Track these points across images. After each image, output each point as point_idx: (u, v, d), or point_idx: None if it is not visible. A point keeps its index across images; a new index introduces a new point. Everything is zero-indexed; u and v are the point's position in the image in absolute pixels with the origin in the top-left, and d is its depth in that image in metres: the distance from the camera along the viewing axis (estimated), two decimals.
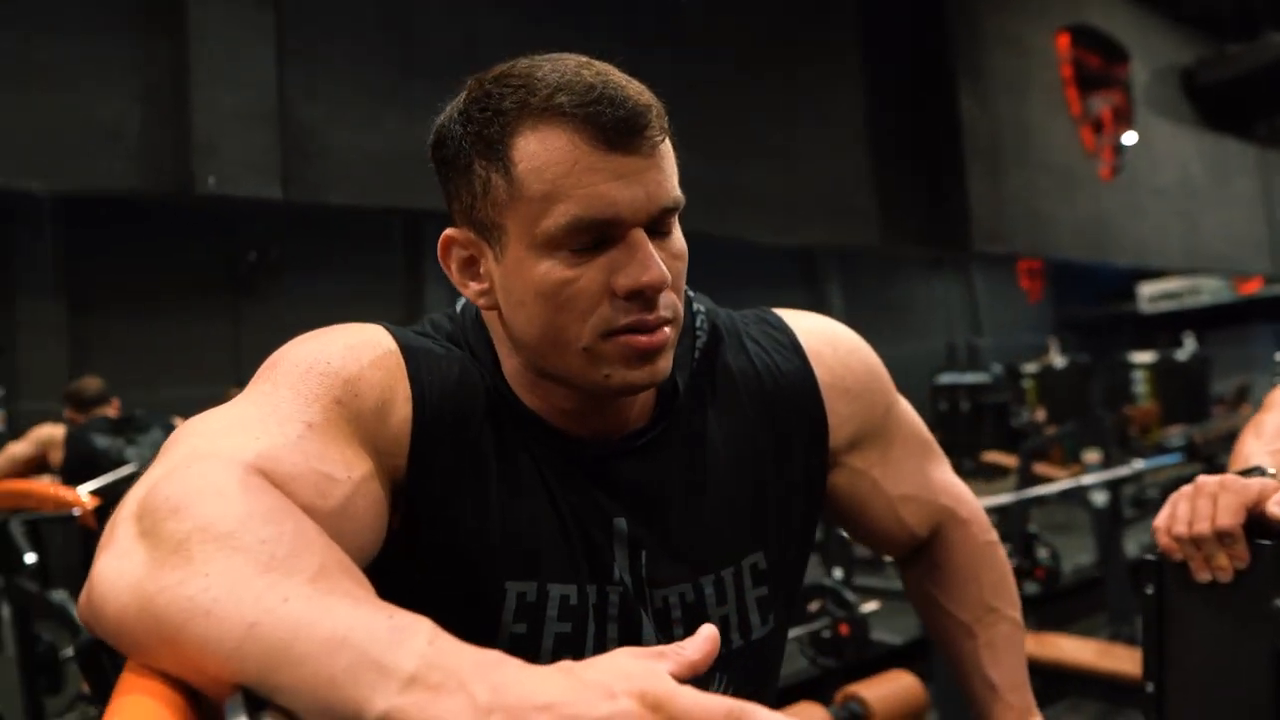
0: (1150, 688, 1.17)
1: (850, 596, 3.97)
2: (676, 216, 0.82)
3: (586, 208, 0.74)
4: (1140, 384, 14.71)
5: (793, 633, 3.93)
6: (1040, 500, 5.34)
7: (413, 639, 0.50)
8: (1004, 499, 4.96)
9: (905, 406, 1.09)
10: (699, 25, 7.28)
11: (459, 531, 0.81)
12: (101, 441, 3.81)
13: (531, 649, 0.84)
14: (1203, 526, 1.03)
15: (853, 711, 2.99)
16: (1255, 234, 12.18)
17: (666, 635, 0.87)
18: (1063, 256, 9.56)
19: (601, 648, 0.85)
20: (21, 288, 6.58)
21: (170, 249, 7.11)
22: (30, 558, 3.15)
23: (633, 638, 0.86)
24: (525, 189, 0.75)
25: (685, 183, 0.83)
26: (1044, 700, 3.70)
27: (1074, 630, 4.86)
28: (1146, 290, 18.27)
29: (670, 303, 0.79)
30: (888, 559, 3.77)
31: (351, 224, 7.31)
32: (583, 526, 0.85)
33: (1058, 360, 13.03)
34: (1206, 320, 18.40)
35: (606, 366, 0.78)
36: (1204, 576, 1.04)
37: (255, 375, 0.78)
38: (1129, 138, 9.68)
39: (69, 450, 3.78)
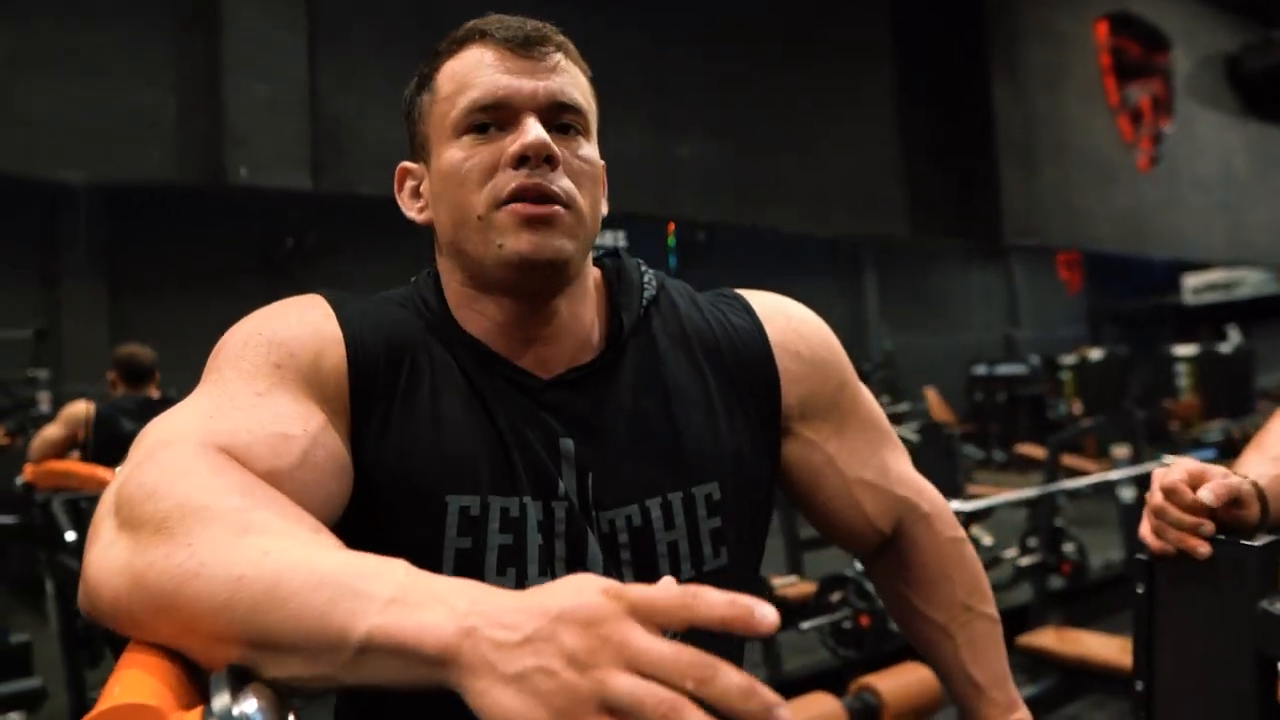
0: (1140, 685, 1.19)
1: (871, 588, 3.98)
2: (585, 130, 0.91)
3: (482, 92, 0.86)
4: (1182, 377, 14.45)
5: (813, 623, 3.94)
6: (1074, 494, 5.28)
7: (391, 571, 0.55)
8: (1029, 492, 4.93)
9: (865, 391, 1.10)
10: (729, 19, 7.25)
11: (399, 452, 0.85)
12: (129, 425, 3.86)
13: (475, 562, 0.86)
14: (1156, 497, 1.07)
15: (865, 702, 3.00)
16: None
17: (613, 558, 0.88)
18: (1098, 249, 9.40)
19: (548, 563, 0.86)
20: (64, 272, 6.76)
21: (209, 235, 7.26)
22: (71, 535, 3.25)
23: (578, 556, 0.87)
24: (440, 93, 0.89)
25: (717, 175, 0.89)
26: (1067, 697, 3.68)
27: (1101, 627, 4.82)
28: (1191, 282, 17.88)
29: (564, 186, 0.86)
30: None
31: (385, 211, 7.37)
32: (525, 443, 0.87)
33: (1093, 353, 12.84)
34: (1252, 312, 17.98)
35: (498, 235, 0.84)
36: (1200, 549, 1.05)
37: (205, 367, 0.84)
38: (1168, 128, 9.47)
39: (98, 431, 3.82)
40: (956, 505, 3.82)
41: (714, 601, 0.51)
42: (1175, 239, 9.72)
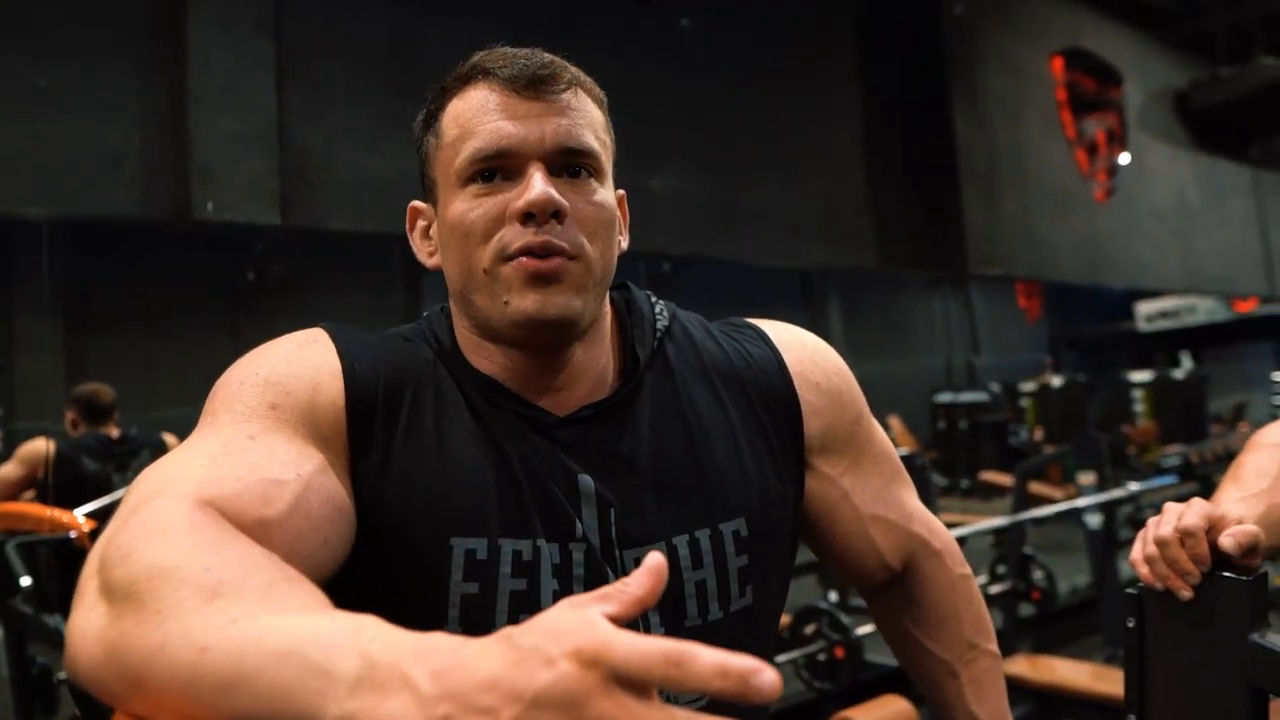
0: (1132, 719, 1.20)
1: (845, 619, 3.98)
2: (599, 172, 0.88)
3: (485, 140, 0.83)
4: (1138, 403, 14.73)
5: (788, 656, 3.93)
6: (1039, 520, 5.35)
7: (353, 638, 0.51)
8: (998, 521, 4.98)
9: (877, 425, 1.09)
10: (698, 48, 7.34)
11: (401, 492, 0.81)
12: (90, 465, 3.78)
13: (485, 610, 0.82)
14: (1165, 530, 1.08)
15: None
16: (1250, 254, 12.22)
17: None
18: (1059, 279, 9.59)
19: None
20: (18, 307, 6.61)
21: (169, 268, 7.16)
22: (25, 580, 3.15)
23: None
24: (445, 137, 0.87)
25: (689, 206, 0.89)
26: None
27: (1069, 652, 4.86)
28: (1144, 309, 18.29)
29: (572, 238, 0.83)
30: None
31: (352, 243, 7.34)
32: (540, 482, 0.84)
33: (1054, 379, 13.06)
34: (1203, 339, 18.44)
35: (504, 291, 0.83)
36: (1183, 593, 1.07)
37: (203, 408, 0.81)
38: (1123, 160, 9.73)
39: (58, 470, 3.74)
40: None
41: (703, 668, 0.45)
42: (1132, 268, 9.95)
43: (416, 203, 0.95)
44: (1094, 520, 5.05)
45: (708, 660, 0.45)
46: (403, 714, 0.47)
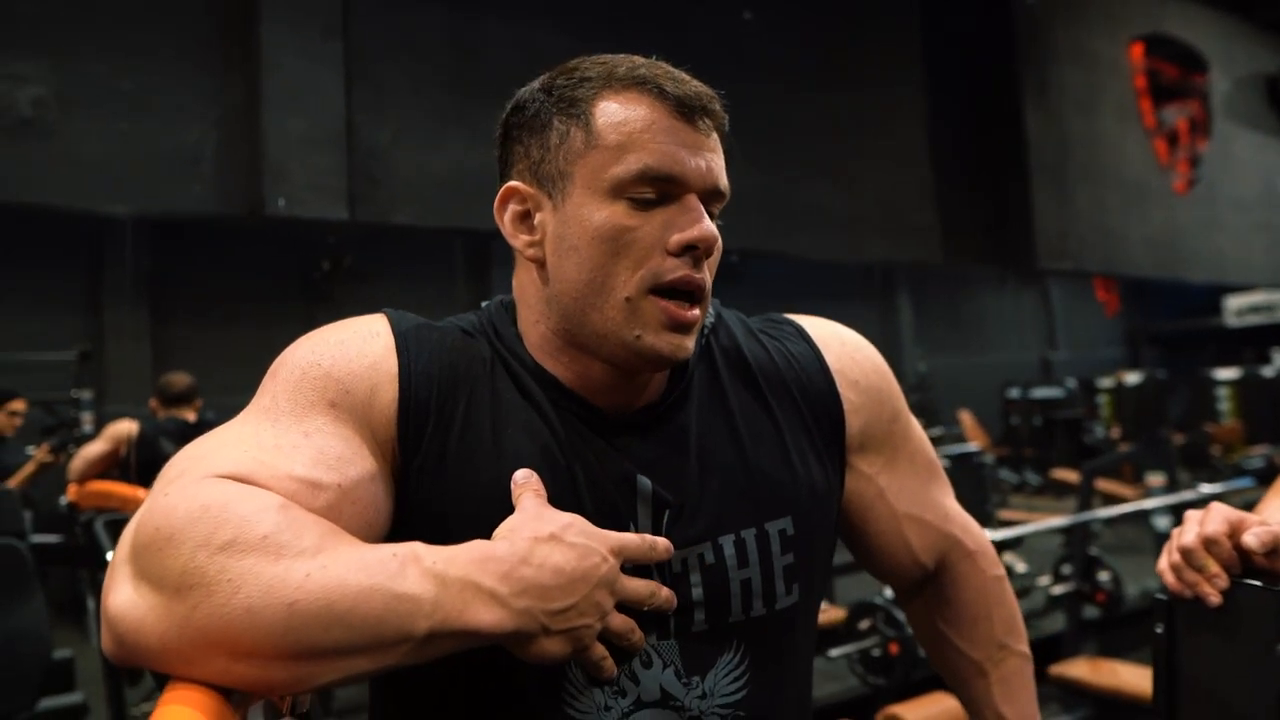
0: None
1: (900, 615, 3.95)
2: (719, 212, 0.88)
3: (658, 160, 0.80)
4: (1223, 401, 14.16)
5: (842, 650, 3.92)
6: (1111, 521, 5.19)
7: (418, 565, 0.64)
8: (1059, 520, 4.86)
9: (915, 423, 1.08)
10: (760, 43, 7.29)
11: (459, 489, 0.82)
12: (168, 447, 3.96)
13: None
14: (1189, 538, 1.06)
15: None
16: None
17: (684, 596, 0.85)
18: (1134, 273, 9.26)
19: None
20: (108, 298, 6.94)
21: (248, 260, 7.42)
22: (112, 555, 3.33)
23: None
24: (603, 139, 0.81)
25: (748, 201, 0.89)
26: None
27: (1136, 657, 4.73)
28: (1233, 303, 17.55)
29: (707, 284, 0.84)
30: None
31: (419, 236, 7.52)
32: (595, 482, 0.84)
33: (1129, 376, 12.63)
34: None
35: (639, 326, 0.81)
36: (1211, 599, 1.05)
37: (262, 383, 0.83)
38: (1207, 148, 9.34)
39: (139, 451, 3.92)
40: (988, 534, 3.78)
41: (660, 544, 0.76)
42: (1213, 262, 9.56)
43: (517, 183, 0.87)
44: (1163, 522, 4.89)
45: (662, 543, 0.76)
46: (486, 612, 0.64)
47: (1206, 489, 5.10)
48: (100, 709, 3.36)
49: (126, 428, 4.05)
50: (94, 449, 4.08)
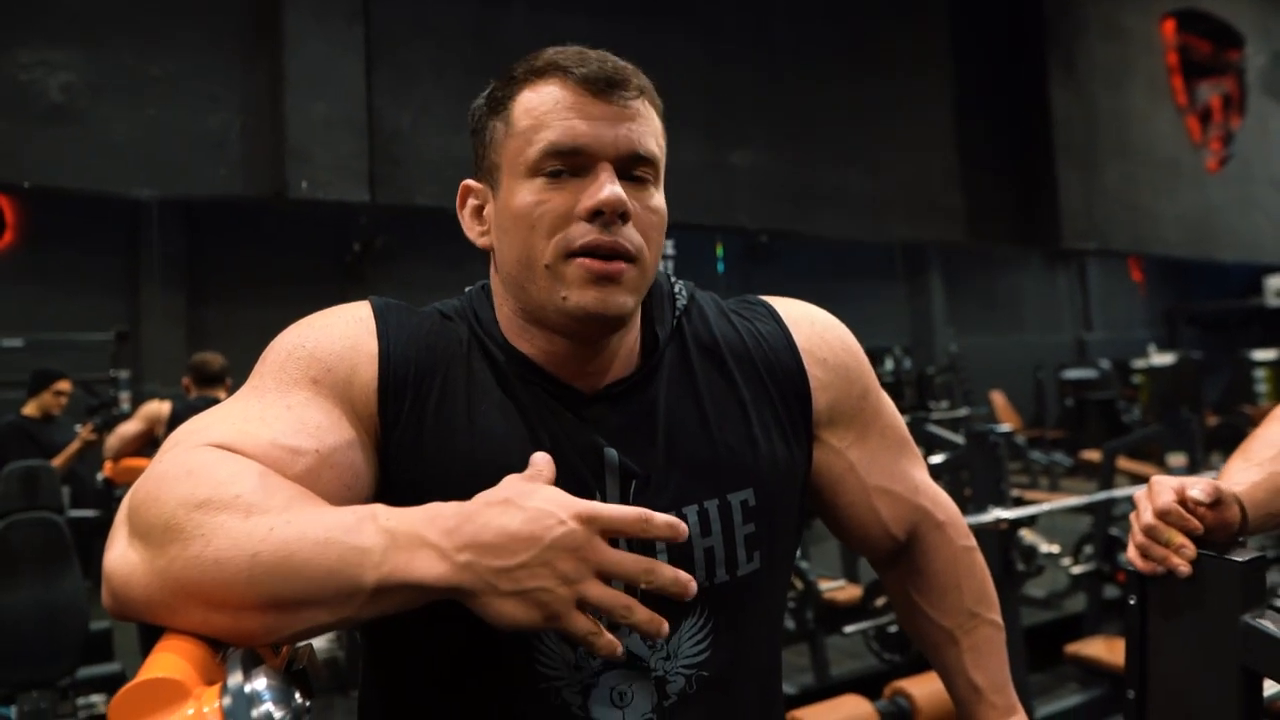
0: (1131, 694, 1.21)
1: None
2: (656, 179, 0.91)
3: (560, 135, 0.85)
4: (1261, 383, 13.88)
5: (857, 626, 3.95)
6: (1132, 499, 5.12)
7: (373, 521, 0.68)
8: (1077, 500, 4.83)
9: (886, 399, 1.11)
10: (785, 25, 7.23)
11: (433, 466, 0.87)
12: None
13: None
14: (1146, 517, 1.09)
15: (899, 706, 3.01)
16: None
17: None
18: (1164, 253, 9.10)
19: None
20: (144, 280, 7.10)
21: (281, 242, 7.53)
22: None
23: None
24: (517, 126, 0.88)
25: (775, 183, 0.91)
26: (1117, 706, 3.60)
27: None
28: (1274, 283, 17.16)
29: (634, 241, 0.86)
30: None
31: (447, 218, 7.54)
32: (566, 456, 0.86)
33: (1160, 357, 12.42)
34: None
35: (564, 287, 0.85)
36: (1182, 568, 1.08)
37: (255, 366, 0.90)
38: (1241, 126, 9.13)
39: (171, 429, 4.02)
40: (1000, 513, 3.78)
41: (659, 523, 0.71)
42: (1247, 241, 9.36)
43: (470, 181, 0.95)
44: None
45: (661, 518, 0.71)
46: (428, 564, 0.66)
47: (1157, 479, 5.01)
48: None
49: (159, 407, 4.17)
50: (129, 428, 4.20)
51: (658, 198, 0.91)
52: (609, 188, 0.84)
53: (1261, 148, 9.50)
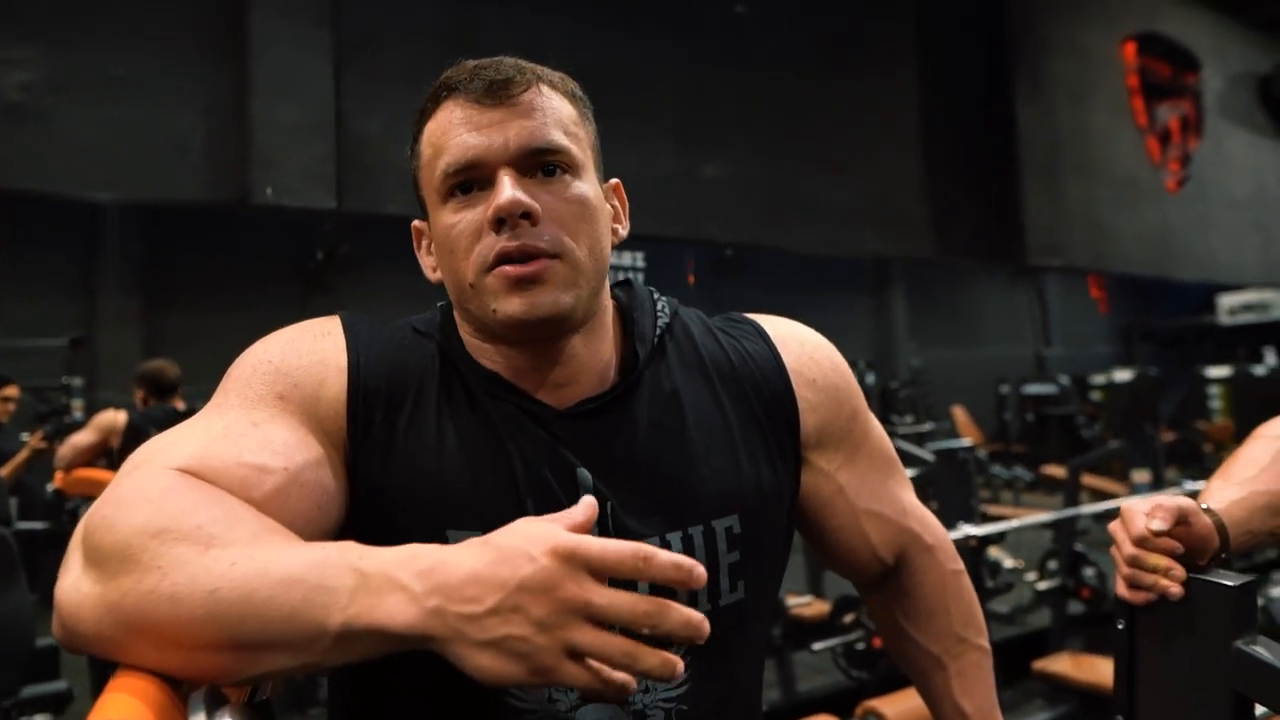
0: None
1: None
2: (573, 166, 0.87)
3: (453, 155, 0.84)
4: (1216, 399, 14.20)
5: (825, 644, 3.94)
6: (1099, 517, 5.20)
7: (342, 558, 0.62)
8: (1044, 516, 4.88)
9: (874, 420, 1.08)
10: (757, 36, 7.27)
11: (401, 484, 0.83)
12: (156, 435, 3.95)
13: None
14: (1127, 548, 1.08)
15: None
16: None
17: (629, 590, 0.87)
18: (1125, 271, 9.28)
19: None
20: (100, 284, 6.94)
21: (242, 247, 7.41)
22: None
23: None
24: (424, 157, 0.88)
25: (743, 194, 0.88)
26: None
27: None
28: (1226, 302, 17.58)
29: (551, 237, 0.83)
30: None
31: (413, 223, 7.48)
32: (537, 475, 0.84)
33: (1120, 373, 12.66)
34: None
35: (491, 300, 0.84)
36: (1172, 589, 1.06)
37: (219, 385, 0.86)
38: (1198, 148, 9.36)
39: (126, 440, 3.90)
40: (970, 530, 3.79)
41: (664, 563, 0.61)
42: (1205, 260, 9.57)
43: (418, 222, 0.95)
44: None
45: (665, 557, 0.61)
46: (397, 609, 0.59)
47: (1191, 486, 5.12)
48: (85, 698, 3.36)
49: (114, 417, 4.05)
50: (82, 438, 4.07)
51: (577, 185, 0.87)
52: (505, 193, 0.82)
53: (1217, 169, 9.74)
